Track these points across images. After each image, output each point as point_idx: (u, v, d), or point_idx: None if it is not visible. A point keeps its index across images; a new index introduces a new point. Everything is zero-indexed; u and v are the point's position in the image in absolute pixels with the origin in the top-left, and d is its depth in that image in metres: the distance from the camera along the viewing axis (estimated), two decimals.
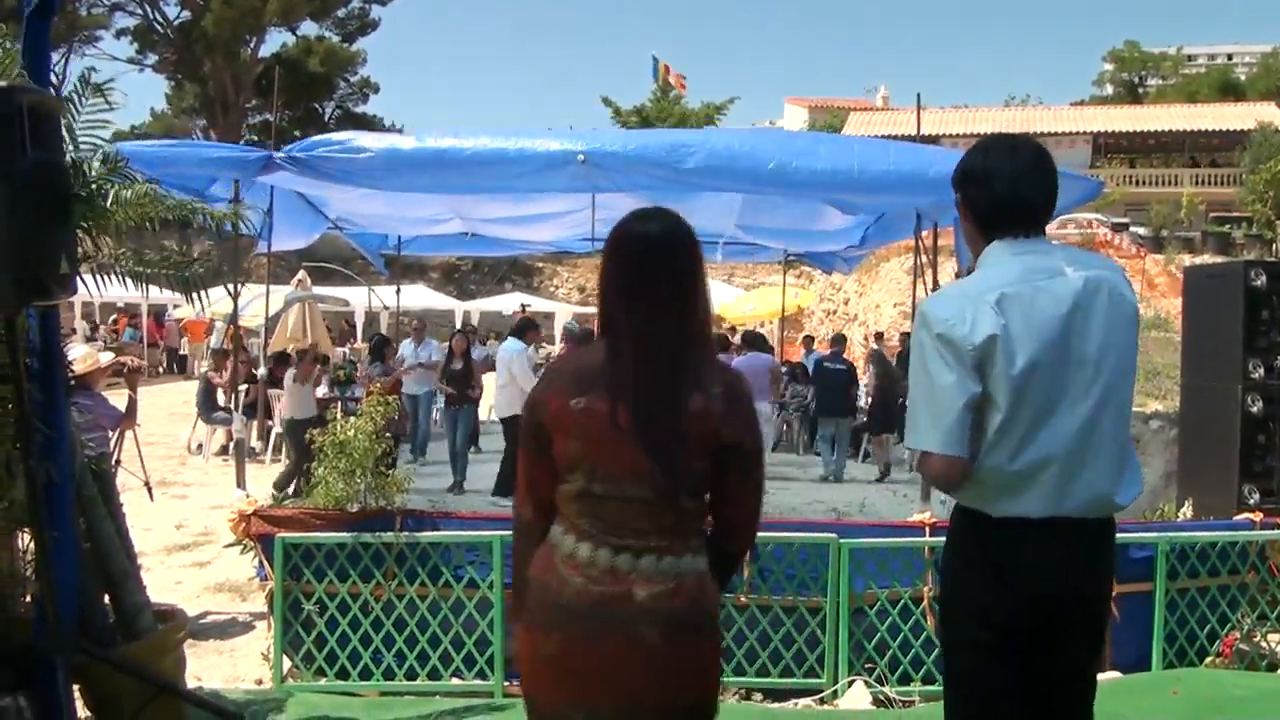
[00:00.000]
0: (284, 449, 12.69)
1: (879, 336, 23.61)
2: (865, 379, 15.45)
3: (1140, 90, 65.97)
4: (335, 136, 9.01)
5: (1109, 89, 69.03)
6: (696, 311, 2.49)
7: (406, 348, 14.17)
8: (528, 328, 12.57)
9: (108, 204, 4.32)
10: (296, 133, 45.54)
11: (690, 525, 2.46)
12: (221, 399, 15.23)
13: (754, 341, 15.14)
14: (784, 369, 17.25)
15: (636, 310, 2.44)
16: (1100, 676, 6.12)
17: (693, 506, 2.45)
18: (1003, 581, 2.76)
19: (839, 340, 15.18)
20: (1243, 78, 65.14)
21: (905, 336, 17.98)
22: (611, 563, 2.37)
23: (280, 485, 10.24)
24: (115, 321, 32.23)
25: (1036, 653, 2.81)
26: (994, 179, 2.82)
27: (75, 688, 4.30)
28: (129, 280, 4.88)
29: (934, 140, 43.30)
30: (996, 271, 2.76)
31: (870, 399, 14.35)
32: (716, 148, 8.59)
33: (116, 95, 4.47)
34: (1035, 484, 2.72)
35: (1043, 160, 2.87)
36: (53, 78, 4.13)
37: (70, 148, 4.20)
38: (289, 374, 12.21)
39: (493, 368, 17.24)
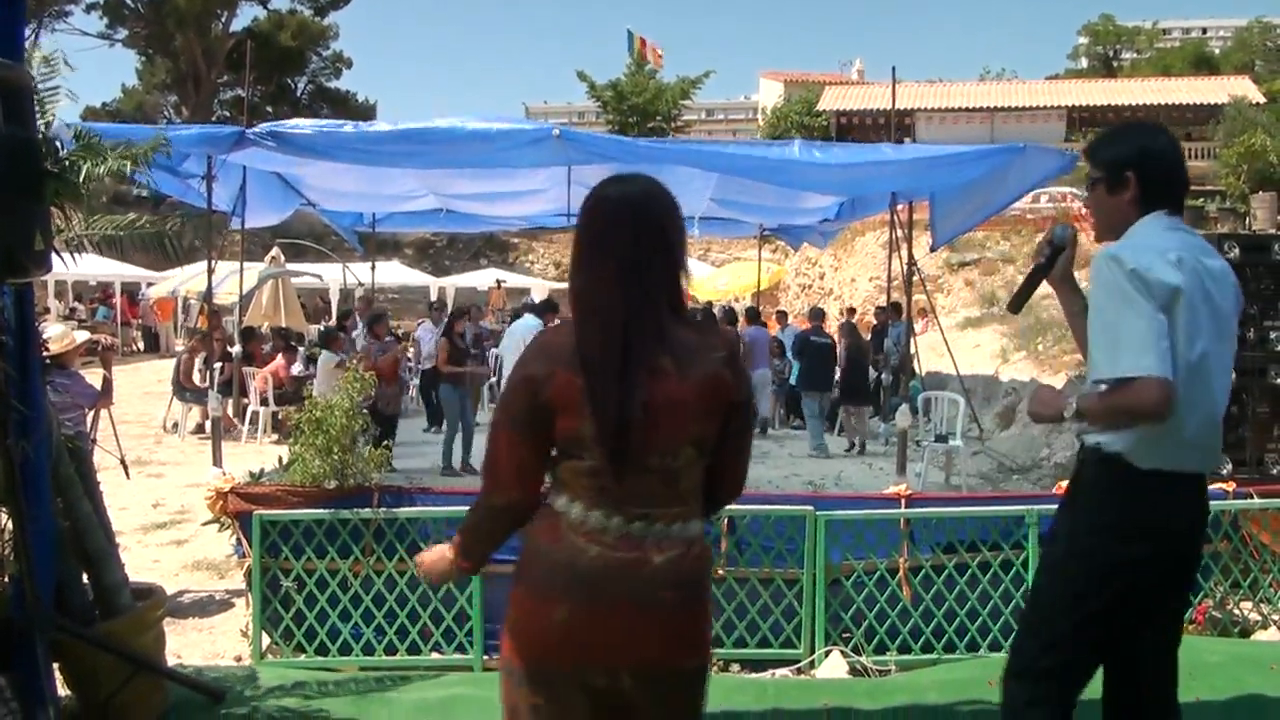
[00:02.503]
0: None
1: (850, 311, 23.70)
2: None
3: (1115, 64, 66.15)
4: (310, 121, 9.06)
5: (1084, 63, 69.17)
6: (681, 277, 2.48)
7: (424, 331, 14.20)
8: (549, 309, 12.56)
9: (80, 179, 4.29)
10: (269, 108, 45.27)
11: (697, 489, 2.48)
12: (197, 378, 15.14)
13: (754, 317, 15.51)
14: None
15: (628, 277, 2.39)
16: None
17: (700, 471, 2.47)
18: (1149, 532, 2.96)
19: (819, 314, 15.27)
20: (1217, 51, 65.41)
21: (880, 310, 18.03)
22: (625, 530, 2.38)
23: None
24: (94, 299, 31.97)
25: (1150, 602, 3.07)
26: (1170, 159, 3.09)
27: (55, 666, 4.31)
28: (104, 250, 4.85)
29: (909, 114, 43.44)
30: (1162, 238, 2.96)
31: (841, 371, 14.47)
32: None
33: (85, 71, 4.42)
34: (1191, 439, 2.94)
35: (1182, 151, 3.21)
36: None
37: (41, 124, 4.16)
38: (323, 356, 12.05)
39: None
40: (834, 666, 6.18)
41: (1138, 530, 2.96)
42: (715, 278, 27.07)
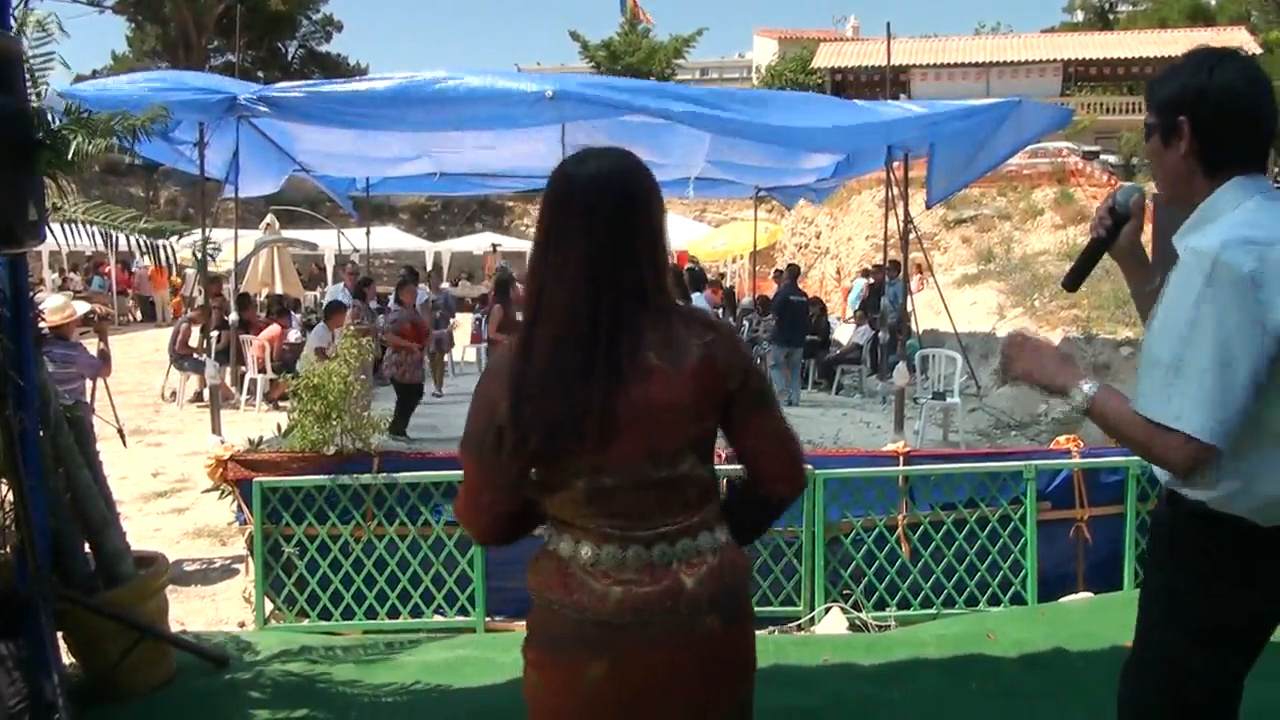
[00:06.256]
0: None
1: (866, 274, 23.78)
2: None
3: (1111, 16, 65.67)
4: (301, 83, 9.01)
5: (1080, 15, 68.69)
6: (646, 263, 2.10)
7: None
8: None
9: (69, 155, 4.24)
10: (260, 73, 44.95)
11: (712, 492, 2.17)
12: (195, 341, 15.12)
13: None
14: (755, 303, 17.45)
15: (589, 271, 2.06)
16: (1074, 597, 6.25)
17: (709, 471, 2.16)
18: (1266, 598, 2.39)
19: (795, 271, 15.49)
20: (1213, 2, 64.95)
21: (877, 269, 18.03)
22: (647, 558, 2.08)
23: None
24: (88, 269, 31.80)
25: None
26: (1240, 96, 2.32)
27: (59, 635, 4.33)
28: (99, 235, 4.82)
29: (904, 71, 43.20)
30: (1273, 219, 2.25)
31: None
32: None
33: (75, 39, 4.37)
34: None
35: (1269, 82, 2.37)
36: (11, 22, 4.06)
37: (33, 95, 4.13)
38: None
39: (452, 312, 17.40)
40: (834, 623, 6.22)
41: (1265, 595, 2.38)
42: (713, 238, 27.03)
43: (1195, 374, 2.19)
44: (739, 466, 2.25)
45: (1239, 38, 42.44)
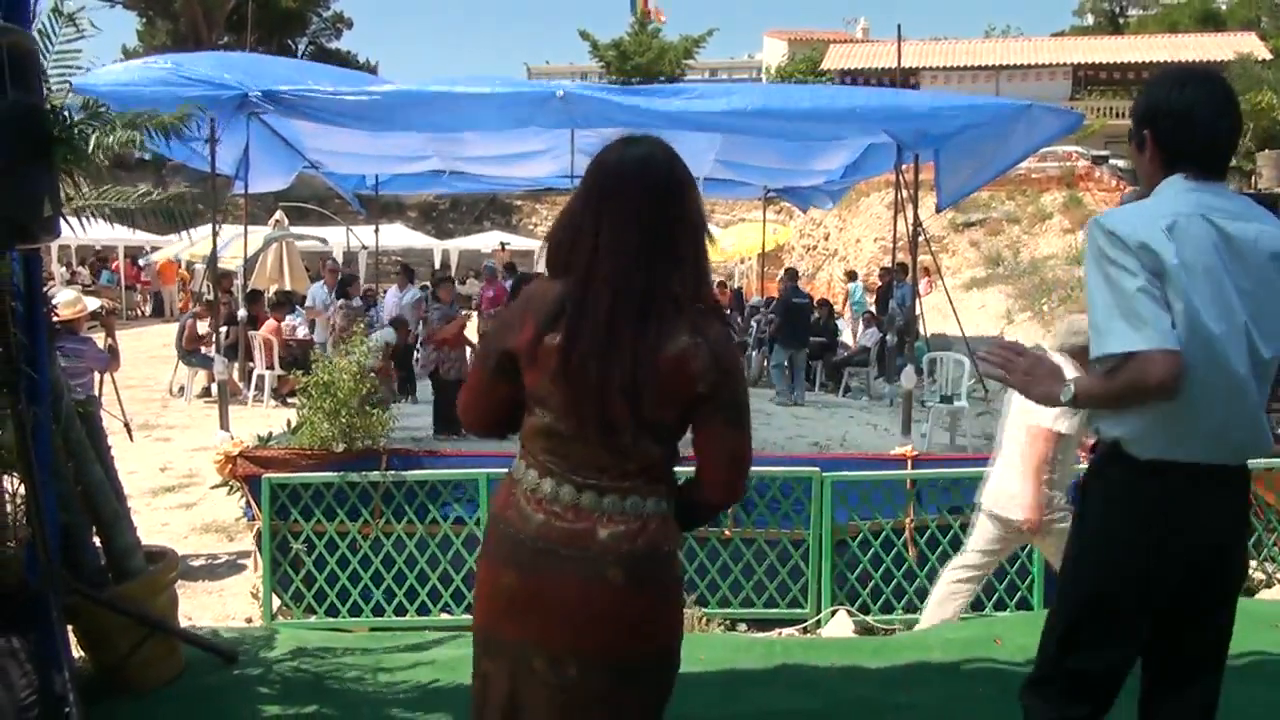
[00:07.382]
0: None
1: (852, 275, 23.77)
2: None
3: (1121, 20, 65.55)
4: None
5: (1090, 19, 68.58)
6: (680, 252, 2.32)
7: (391, 296, 14.23)
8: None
9: (89, 148, 4.25)
10: None
11: (657, 472, 2.36)
12: (203, 329, 15.12)
13: None
14: (764, 305, 17.49)
15: (612, 245, 2.27)
16: None
17: (661, 455, 2.35)
18: (1151, 531, 2.66)
19: (794, 274, 15.59)
20: (1223, 7, 64.80)
21: (885, 271, 18.03)
22: (575, 500, 2.31)
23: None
24: (95, 263, 31.82)
25: (1176, 606, 2.77)
26: (1193, 116, 2.69)
27: (70, 629, 4.34)
28: (111, 219, 4.84)
29: (914, 73, 43.16)
30: (1171, 201, 2.65)
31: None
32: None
33: (89, 28, 4.36)
34: (1205, 428, 2.63)
35: (1235, 99, 2.77)
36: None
37: (47, 89, 4.14)
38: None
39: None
40: (840, 626, 6.23)
41: (1141, 529, 2.67)
42: (720, 239, 27.01)
43: (1112, 310, 2.54)
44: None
45: (1249, 43, 42.37)
